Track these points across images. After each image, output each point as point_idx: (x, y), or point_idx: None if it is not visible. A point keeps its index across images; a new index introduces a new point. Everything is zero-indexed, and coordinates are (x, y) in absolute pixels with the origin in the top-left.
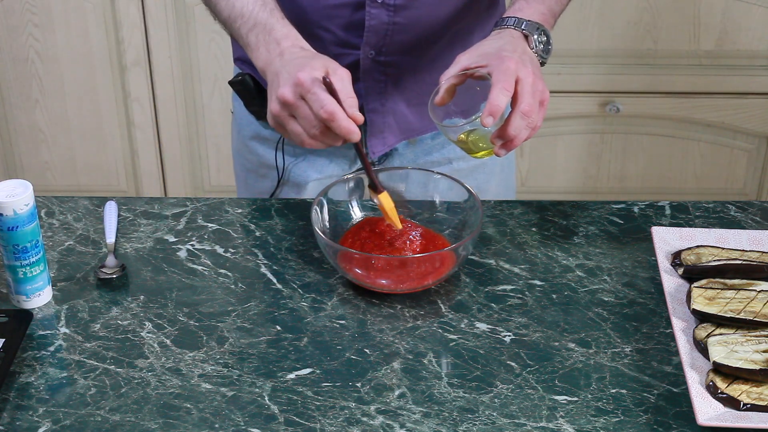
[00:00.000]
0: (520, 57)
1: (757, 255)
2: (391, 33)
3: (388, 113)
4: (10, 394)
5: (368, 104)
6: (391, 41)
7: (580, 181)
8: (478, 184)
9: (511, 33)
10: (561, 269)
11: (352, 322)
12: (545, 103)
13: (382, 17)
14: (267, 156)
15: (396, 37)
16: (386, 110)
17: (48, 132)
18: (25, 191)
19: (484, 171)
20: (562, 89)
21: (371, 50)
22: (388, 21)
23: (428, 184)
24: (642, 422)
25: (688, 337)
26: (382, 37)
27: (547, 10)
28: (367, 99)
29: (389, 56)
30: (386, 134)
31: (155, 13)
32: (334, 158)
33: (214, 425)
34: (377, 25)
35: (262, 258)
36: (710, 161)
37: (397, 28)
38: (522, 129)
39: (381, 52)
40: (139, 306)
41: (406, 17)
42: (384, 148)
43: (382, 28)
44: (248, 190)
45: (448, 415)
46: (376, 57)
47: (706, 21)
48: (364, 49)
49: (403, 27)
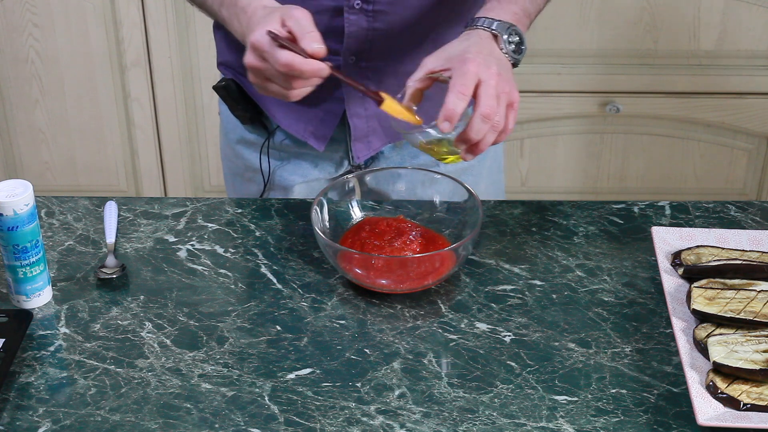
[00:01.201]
0: (485, 58)
1: (757, 255)
2: (371, 38)
3: (372, 117)
4: (10, 394)
5: (351, 109)
6: (372, 47)
7: (580, 181)
8: None
9: (479, 33)
10: (561, 269)
11: (352, 322)
12: (515, 105)
13: (362, 23)
14: (252, 160)
15: (376, 42)
16: (369, 114)
17: (48, 132)
18: (25, 191)
19: (471, 173)
20: (562, 89)
21: (352, 56)
22: (368, 27)
23: (428, 184)
24: (642, 422)
25: (688, 337)
26: (362, 42)
27: (520, 10)
28: (350, 104)
29: (370, 61)
30: (371, 138)
31: (155, 13)
32: (319, 162)
33: (214, 425)
34: (357, 31)
35: (262, 258)
36: (710, 161)
37: (377, 33)
38: (484, 132)
39: (362, 58)
40: (139, 306)
41: (385, 22)
42: (369, 152)
43: (362, 34)
44: (236, 194)
45: (448, 415)
46: (358, 62)
47: (706, 21)
48: (344, 55)
49: (383, 32)
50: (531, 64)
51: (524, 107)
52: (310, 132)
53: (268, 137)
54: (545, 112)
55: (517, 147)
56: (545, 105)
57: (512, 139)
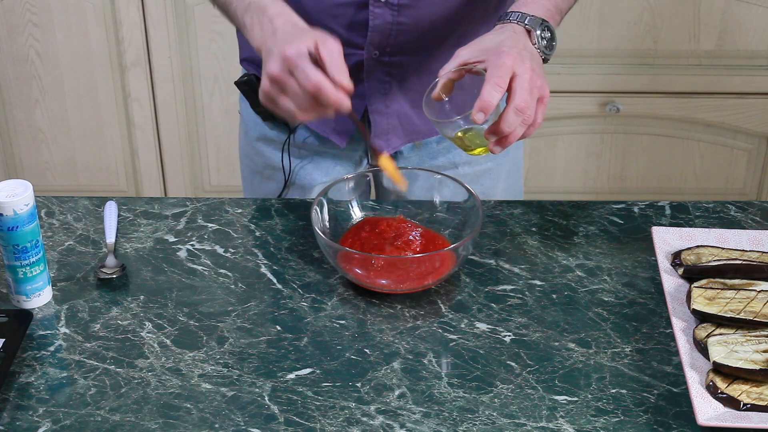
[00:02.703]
0: (519, 52)
1: (757, 255)
2: (395, 33)
3: (393, 115)
4: (10, 394)
5: (372, 105)
6: (396, 41)
7: (580, 181)
8: (483, 189)
9: (513, 28)
10: (561, 269)
11: (352, 322)
12: (545, 100)
13: (386, 17)
14: (273, 157)
15: (400, 37)
16: (390, 112)
17: (48, 132)
18: (25, 191)
19: (489, 176)
20: (562, 89)
21: (375, 50)
22: (392, 21)
23: (427, 184)
24: (642, 422)
25: (688, 337)
26: (386, 36)
27: (552, 6)
28: (371, 100)
29: (393, 56)
30: (390, 136)
31: (155, 13)
32: (339, 160)
33: (214, 425)
34: (381, 25)
35: (262, 258)
36: (710, 161)
37: (401, 28)
38: (516, 125)
39: (385, 52)
40: (139, 306)
41: (410, 17)
42: (388, 150)
43: (386, 28)
44: (254, 192)
45: (448, 415)
46: (380, 57)
47: (706, 21)
48: (368, 49)
49: (408, 27)
50: None
51: None
52: (331, 128)
53: (290, 134)
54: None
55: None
56: None
57: None
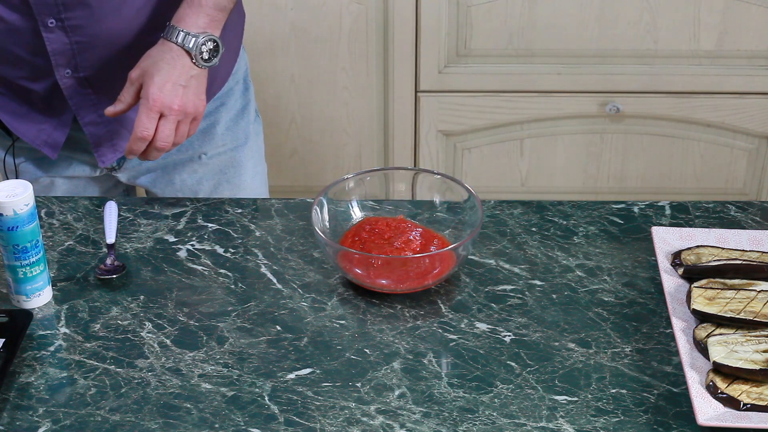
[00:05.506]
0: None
1: (757, 255)
2: (78, 51)
3: (110, 122)
4: (10, 394)
5: (84, 119)
6: (83, 58)
7: (580, 181)
8: (228, 177)
9: (170, 48)
10: (561, 269)
11: (352, 322)
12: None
13: (62, 39)
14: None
15: (86, 53)
16: (107, 120)
17: None
18: (25, 191)
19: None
20: (562, 89)
21: (66, 69)
22: (69, 41)
23: (427, 184)
24: (642, 422)
25: (688, 337)
26: (71, 57)
27: (213, 10)
28: (82, 114)
29: (88, 71)
30: (115, 141)
31: None
32: (71, 162)
33: (214, 425)
34: (60, 48)
35: (262, 258)
36: (710, 161)
37: (83, 46)
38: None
39: (78, 69)
40: (139, 306)
41: (87, 35)
42: (117, 153)
43: (66, 50)
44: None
45: (448, 415)
46: (76, 74)
47: (706, 21)
48: (58, 71)
49: (89, 44)
50: (531, 64)
51: (524, 107)
52: (43, 141)
53: (13, 142)
54: (545, 112)
55: (517, 147)
56: (545, 105)
57: (512, 139)
